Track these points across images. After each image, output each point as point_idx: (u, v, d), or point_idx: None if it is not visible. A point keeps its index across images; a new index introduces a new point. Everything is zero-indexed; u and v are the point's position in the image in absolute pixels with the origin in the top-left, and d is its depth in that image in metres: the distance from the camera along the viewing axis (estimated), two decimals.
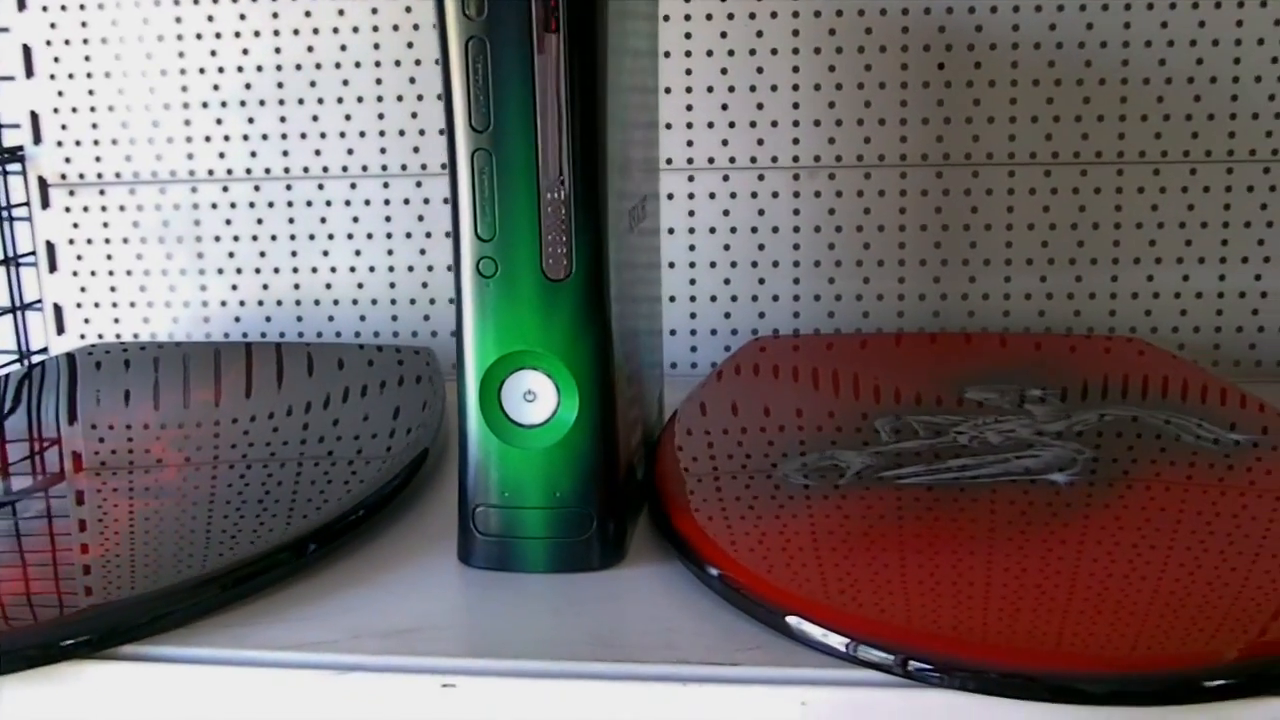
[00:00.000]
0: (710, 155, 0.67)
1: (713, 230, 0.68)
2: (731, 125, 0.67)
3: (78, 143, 0.72)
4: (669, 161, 0.68)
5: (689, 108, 0.67)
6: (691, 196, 0.68)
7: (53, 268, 0.73)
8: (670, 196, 0.68)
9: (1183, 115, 0.65)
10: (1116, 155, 0.66)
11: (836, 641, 0.36)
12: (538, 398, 0.43)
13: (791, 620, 0.37)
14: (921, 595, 0.38)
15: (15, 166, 0.72)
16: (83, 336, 0.74)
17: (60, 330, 0.73)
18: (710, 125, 0.67)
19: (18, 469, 0.53)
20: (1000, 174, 0.66)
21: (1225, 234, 0.66)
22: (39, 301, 0.73)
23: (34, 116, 0.71)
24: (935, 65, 0.65)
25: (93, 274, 0.73)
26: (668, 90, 0.67)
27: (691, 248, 0.69)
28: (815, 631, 0.37)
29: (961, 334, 0.68)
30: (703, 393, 0.59)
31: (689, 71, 0.66)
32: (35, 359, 0.74)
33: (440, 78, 0.42)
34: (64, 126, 0.71)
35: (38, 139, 0.71)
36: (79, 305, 0.74)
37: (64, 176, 0.72)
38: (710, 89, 0.67)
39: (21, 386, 0.63)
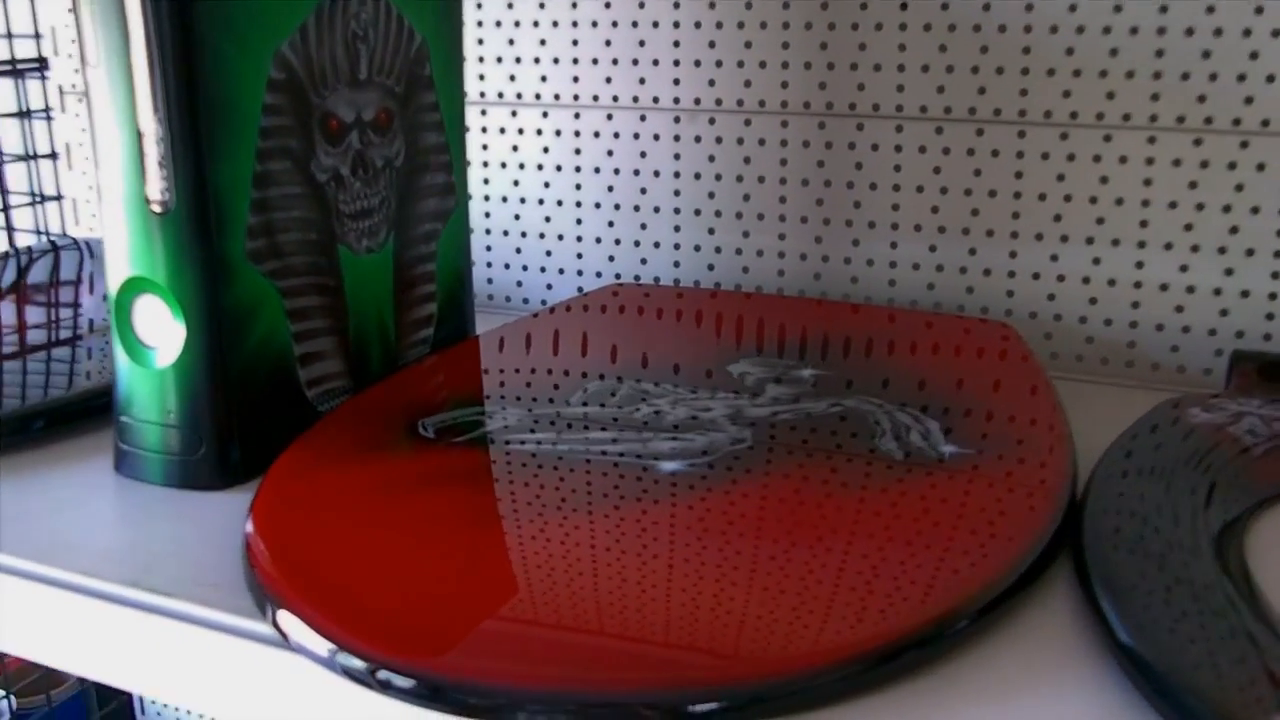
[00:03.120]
0: (595, 93, 0.67)
1: (597, 170, 0.68)
2: (615, 63, 0.66)
3: None
4: (556, 98, 0.68)
5: (575, 42, 0.66)
6: (577, 134, 0.68)
7: (70, 166, 0.83)
8: (558, 133, 0.68)
9: (1096, 71, 0.57)
10: (1018, 114, 0.59)
11: (315, 645, 0.35)
12: (159, 321, 0.47)
13: (280, 615, 0.37)
14: (429, 587, 0.37)
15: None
16: (91, 230, 0.84)
17: (77, 221, 0.84)
18: (595, 62, 0.66)
19: None
20: (887, 128, 0.61)
21: (1145, 213, 0.58)
22: (60, 195, 0.84)
23: (53, 30, 0.81)
24: (818, 5, 0.61)
25: None
26: (555, 24, 0.67)
27: (578, 186, 0.69)
28: (293, 628, 0.36)
29: (837, 301, 0.64)
30: (502, 330, 0.60)
31: (574, 5, 0.66)
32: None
33: None
34: (74, 40, 0.81)
35: (56, 50, 0.82)
36: (88, 201, 0.84)
37: (74, 86, 0.82)
38: (595, 24, 0.66)
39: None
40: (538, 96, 0.69)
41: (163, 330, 0.47)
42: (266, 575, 0.38)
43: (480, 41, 0.69)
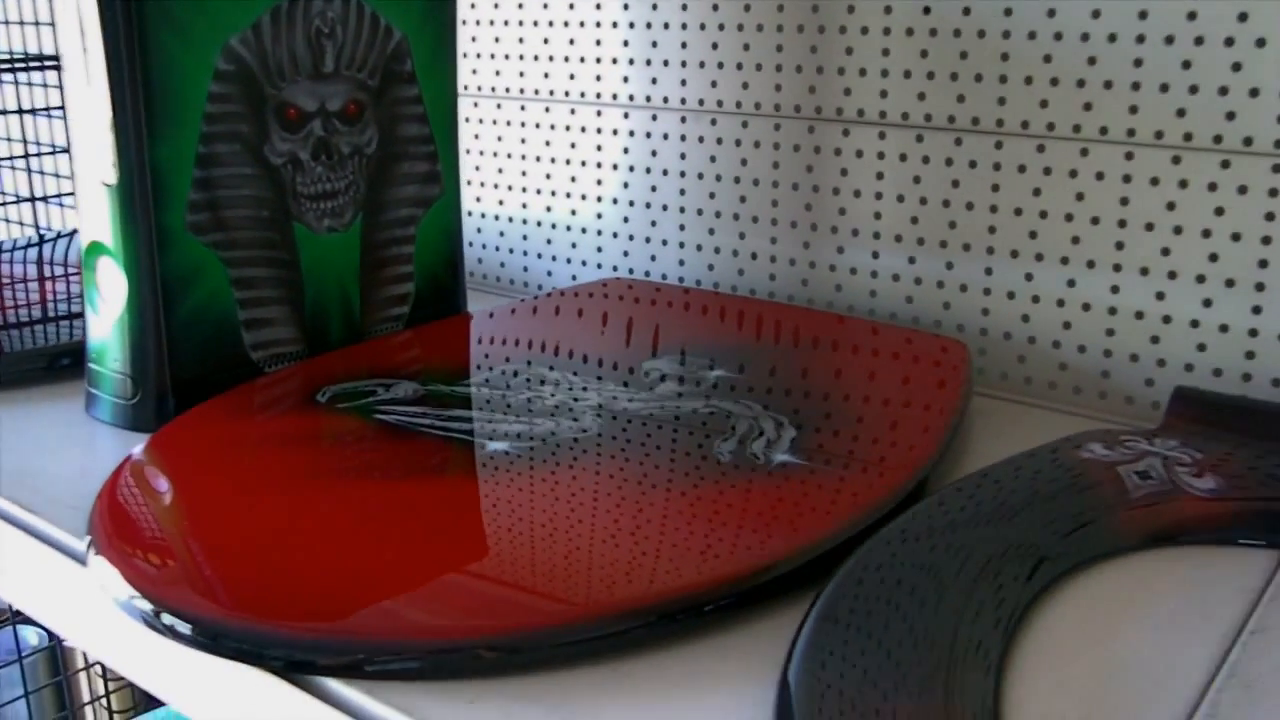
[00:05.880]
0: (614, 92, 0.70)
1: (615, 167, 0.71)
2: (631, 62, 0.69)
3: None
4: (582, 95, 0.71)
5: (598, 42, 0.70)
6: (599, 131, 0.71)
7: None
8: (583, 129, 0.72)
9: (1074, 80, 0.55)
10: (995, 124, 0.58)
11: (113, 583, 0.40)
12: (112, 280, 0.54)
13: (90, 549, 0.42)
14: (241, 543, 0.42)
15: None
16: None
17: None
18: (631, 62, 0.69)
19: None
20: (871, 135, 0.61)
21: (1121, 235, 0.55)
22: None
23: None
24: (809, 8, 0.62)
25: None
26: (582, 24, 0.70)
27: (599, 182, 0.72)
28: (96, 563, 0.41)
29: (800, 305, 0.65)
30: (476, 314, 0.64)
31: (599, 6, 0.69)
32: None
33: None
34: None
35: None
36: None
37: None
38: (615, 24, 0.69)
39: None
40: (566, 94, 0.72)
41: (114, 288, 0.55)
42: (99, 510, 0.44)
43: (521, 40, 0.74)
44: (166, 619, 0.38)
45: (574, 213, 0.74)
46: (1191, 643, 0.38)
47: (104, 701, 1.03)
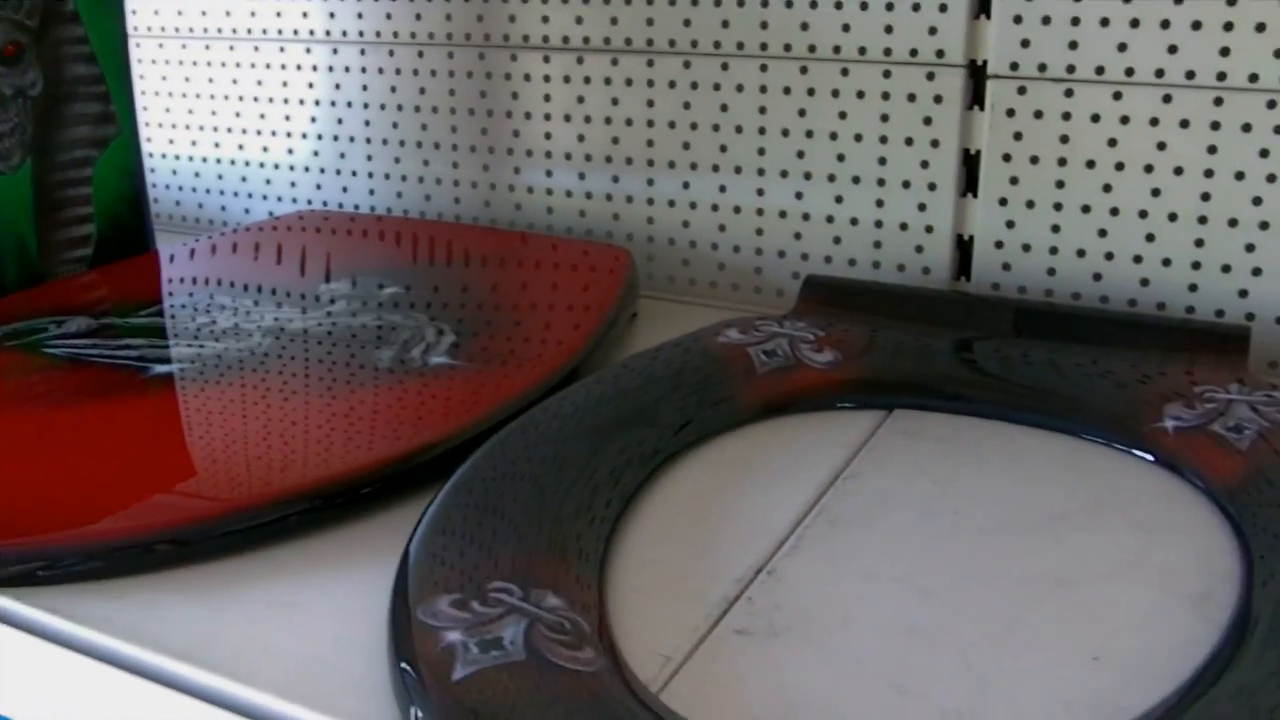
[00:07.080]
0: (295, 28, 0.72)
1: (301, 102, 0.73)
2: None
3: None
4: (264, 32, 0.73)
5: None
6: (284, 67, 0.73)
7: None
8: (268, 66, 0.73)
9: (712, 0, 0.60)
10: (646, 44, 0.62)
11: None
12: None
13: None
14: None
15: None
16: None
17: None
18: None
19: None
20: (536, 59, 0.65)
21: (762, 141, 0.61)
22: None
23: None
24: None
25: None
26: None
27: (287, 118, 0.74)
28: None
29: (485, 226, 0.69)
30: (168, 250, 0.65)
31: None
32: None
33: None
34: None
35: None
36: None
37: None
38: None
39: None
40: (249, 31, 0.74)
41: None
42: None
43: None
44: None
45: (265, 149, 0.75)
46: (792, 492, 0.43)
47: None
